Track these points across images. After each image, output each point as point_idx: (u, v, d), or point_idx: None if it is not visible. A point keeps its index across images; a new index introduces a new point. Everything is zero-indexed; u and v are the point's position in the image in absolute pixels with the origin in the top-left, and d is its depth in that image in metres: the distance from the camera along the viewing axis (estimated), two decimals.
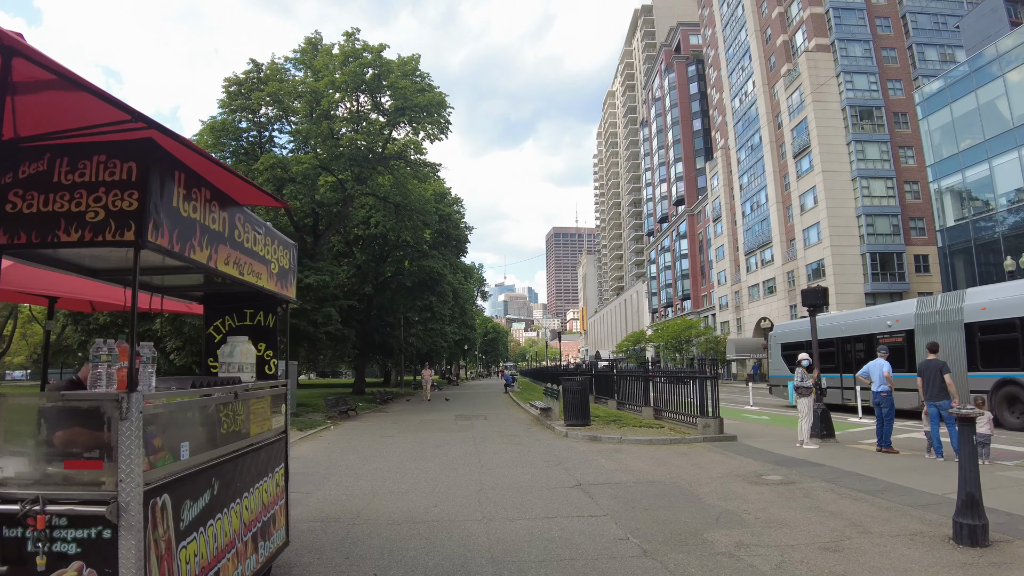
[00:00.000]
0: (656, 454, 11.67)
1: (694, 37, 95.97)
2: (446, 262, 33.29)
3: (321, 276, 21.93)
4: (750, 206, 65.87)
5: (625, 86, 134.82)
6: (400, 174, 26.52)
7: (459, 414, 21.89)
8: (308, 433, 16.00)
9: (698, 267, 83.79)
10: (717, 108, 78.04)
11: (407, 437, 15.02)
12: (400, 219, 27.46)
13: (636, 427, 15.16)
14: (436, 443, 13.66)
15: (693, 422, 14.81)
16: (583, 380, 15.99)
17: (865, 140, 51.28)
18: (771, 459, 10.95)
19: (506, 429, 16.33)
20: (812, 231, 53.18)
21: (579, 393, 15.21)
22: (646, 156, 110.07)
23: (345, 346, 30.69)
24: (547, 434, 15.19)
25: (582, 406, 15.24)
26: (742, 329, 67.24)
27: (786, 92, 57.30)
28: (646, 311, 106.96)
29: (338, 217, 24.87)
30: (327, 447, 13.41)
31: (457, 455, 11.76)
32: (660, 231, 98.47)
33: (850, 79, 52.78)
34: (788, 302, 57.08)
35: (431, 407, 25.97)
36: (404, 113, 22.58)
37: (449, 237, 34.69)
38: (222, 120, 22.56)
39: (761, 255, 63.15)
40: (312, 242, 24.68)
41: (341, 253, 33.33)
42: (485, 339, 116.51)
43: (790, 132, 56.65)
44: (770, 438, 14.02)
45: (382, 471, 10.22)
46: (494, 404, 28.16)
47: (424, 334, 37.20)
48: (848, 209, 50.59)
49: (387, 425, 18.32)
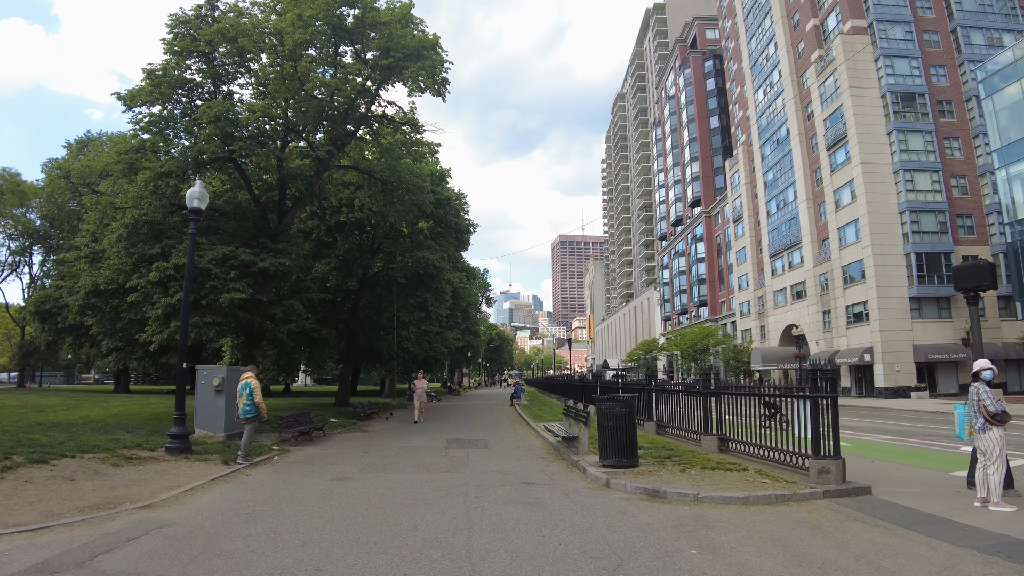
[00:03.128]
0: (772, 530, 6.93)
1: (710, 31, 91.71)
2: (444, 254, 28.54)
3: (280, 260, 17.29)
4: (776, 204, 61.12)
5: (636, 87, 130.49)
6: (388, 143, 21.95)
7: (453, 438, 17.04)
8: (231, 470, 11.25)
9: (716, 271, 78.87)
10: (737, 103, 73.43)
11: (367, 483, 10.13)
12: (389, 199, 22.86)
13: (705, 469, 10.41)
14: (406, 499, 8.76)
15: (789, 462, 10.09)
16: (629, 401, 11.01)
17: (908, 129, 46.53)
18: (977, 542, 6.25)
19: (516, 469, 11.55)
20: (849, 229, 48.36)
21: (623, 419, 10.37)
22: (659, 157, 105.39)
23: (323, 350, 26.00)
24: (576, 480, 10.35)
25: (627, 439, 10.43)
26: (766, 337, 62.31)
27: (818, 80, 52.65)
28: (658, 318, 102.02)
29: (309, 190, 20.21)
30: (234, 503, 8.58)
31: (434, 531, 6.92)
32: (674, 235, 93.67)
33: (890, 63, 48.09)
34: (820, 307, 52.22)
35: (419, 428, 20.86)
36: (388, 55, 17.90)
37: (448, 226, 29.93)
38: (163, 66, 17.94)
39: (788, 257, 58.34)
40: (277, 220, 20.06)
41: (324, 243, 28.76)
42: (490, 346, 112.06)
43: (823, 122, 51.96)
44: (913, 487, 9.30)
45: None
46: (498, 423, 23.37)
47: (419, 337, 32.43)
48: (890, 205, 45.78)
49: (351, 457, 13.51)
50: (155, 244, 17.05)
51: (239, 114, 16.77)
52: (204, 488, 9.50)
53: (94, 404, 26.23)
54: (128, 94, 17.28)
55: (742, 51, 70.04)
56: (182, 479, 9.99)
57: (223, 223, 18.89)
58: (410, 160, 23.97)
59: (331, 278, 28.92)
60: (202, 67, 19.03)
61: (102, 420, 18.54)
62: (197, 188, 13.22)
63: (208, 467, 11.23)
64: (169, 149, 18.46)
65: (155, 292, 16.35)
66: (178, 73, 18.11)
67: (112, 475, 9.93)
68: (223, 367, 14.96)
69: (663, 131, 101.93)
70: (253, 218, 19.52)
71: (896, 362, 43.68)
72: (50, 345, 53.94)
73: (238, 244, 17.28)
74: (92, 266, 24.54)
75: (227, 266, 16.18)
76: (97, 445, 12.20)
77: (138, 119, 17.63)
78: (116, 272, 18.69)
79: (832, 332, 50.57)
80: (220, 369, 14.88)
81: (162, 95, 17.86)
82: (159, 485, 9.44)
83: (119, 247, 17.68)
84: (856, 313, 47.69)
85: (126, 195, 17.44)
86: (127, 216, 17.40)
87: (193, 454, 12.30)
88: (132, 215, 17.16)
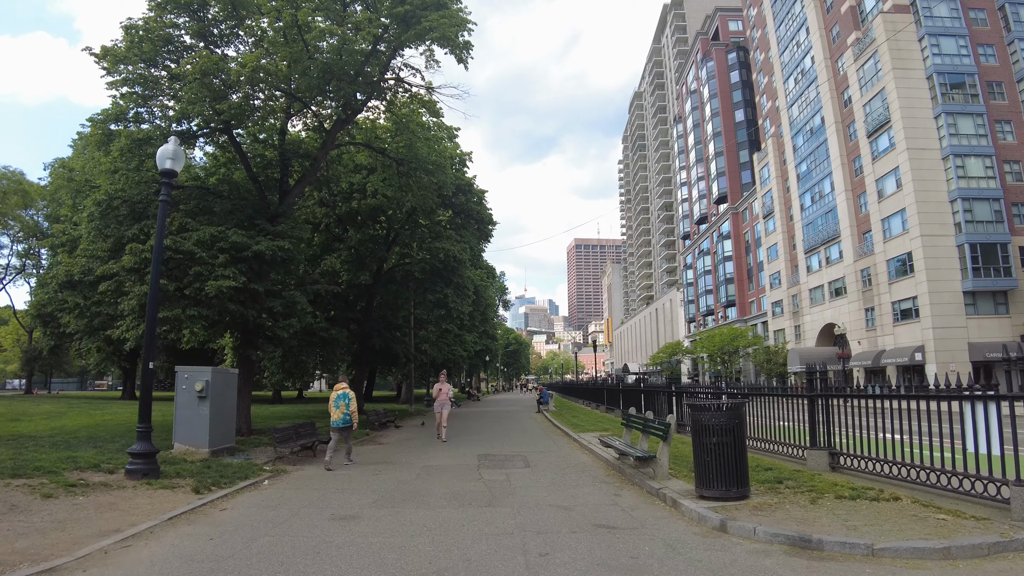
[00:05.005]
0: None
1: (733, 23, 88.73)
2: (465, 245, 25.77)
3: (279, 243, 14.63)
4: (810, 197, 57.92)
5: (654, 85, 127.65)
6: (404, 114, 19.32)
7: (484, 454, 14.23)
8: (201, 502, 8.52)
9: (744, 270, 75.53)
10: (765, 93, 70.29)
11: (380, 526, 7.26)
12: (405, 182, 20.21)
13: (842, 498, 7.57)
14: (436, 558, 5.90)
15: (962, 488, 7.27)
16: (737, 409, 7.84)
17: (957, 112, 43.26)
18: None
19: (578, 501, 8.65)
20: (895, 220, 45.11)
21: (731, 434, 7.51)
22: (680, 154, 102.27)
23: (334, 351, 23.38)
24: (670, 519, 7.38)
25: (735, 460, 7.53)
26: (801, 337, 58.99)
27: (856, 63, 49.53)
28: (681, 320, 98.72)
29: (315, 167, 17.56)
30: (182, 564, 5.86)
31: None
32: (698, 233, 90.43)
33: (936, 42, 44.87)
34: (862, 304, 48.98)
35: (442, 443, 17.80)
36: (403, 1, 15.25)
37: (469, 215, 27.17)
38: (143, 20, 15.37)
39: (826, 252, 55.09)
40: (277, 201, 17.43)
41: (334, 235, 26.18)
42: (507, 351, 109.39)
43: (862, 108, 48.81)
44: None
45: None
46: (531, 433, 20.53)
47: (438, 338, 29.66)
48: (939, 193, 42.53)
49: (360, 480, 10.75)
50: (134, 224, 14.47)
51: (231, 67, 14.06)
52: (153, 534, 6.78)
53: (82, 413, 23.83)
54: (103, 50, 14.77)
55: (770, 39, 67.03)
56: (129, 518, 7.32)
57: (215, 203, 16.33)
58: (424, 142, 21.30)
59: (343, 273, 26.34)
60: (190, 25, 16.38)
61: (75, 432, 16.06)
62: (171, 146, 10.66)
63: (172, 498, 8.54)
64: (153, 120, 15.93)
65: (129, 280, 13.77)
66: (163, 31, 15.54)
67: (35, 511, 7.30)
68: (207, 368, 12.34)
69: (684, 127, 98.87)
70: (250, 198, 16.94)
71: (950, 361, 40.35)
72: (53, 350, 51.83)
73: (231, 225, 14.68)
74: (71, 256, 22.09)
75: (215, 249, 13.58)
76: (41, 466, 9.60)
77: (115, 82, 15.11)
78: (91, 259, 16.07)
79: (876, 330, 47.28)
80: (204, 371, 12.27)
81: (143, 54, 15.28)
82: (91, 529, 6.77)
83: (91, 227, 15.09)
84: (904, 310, 44.42)
85: (100, 168, 14.90)
86: (100, 192, 14.86)
87: (161, 477, 9.67)
88: (106, 190, 14.62)
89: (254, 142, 18.12)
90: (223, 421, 12.71)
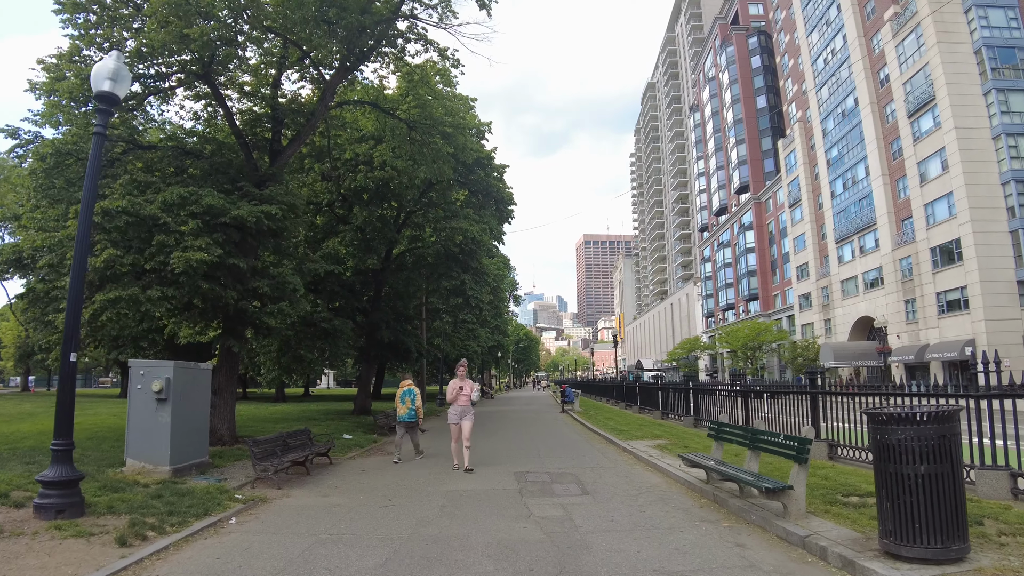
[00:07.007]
0: None
1: (753, 6, 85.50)
2: (484, 226, 22.86)
3: (264, 207, 11.77)
4: (842, 184, 54.78)
5: (668, 75, 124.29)
6: (414, 67, 16.52)
7: (521, 471, 11.16)
8: (126, 562, 5.45)
9: (768, 262, 72.28)
10: (791, 76, 67.07)
11: None
12: (418, 149, 17.38)
13: None
14: None
15: None
16: (952, 418, 4.81)
17: (1009, 88, 40.11)
18: None
19: (688, 560, 5.58)
20: (940, 204, 41.98)
21: (941, 460, 4.55)
22: (697, 144, 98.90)
23: (338, 344, 20.59)
24: None
25: (950, 500, 4.70)
26: (832, 332, 55.87)
27: (895, 39, 46.34)
28: (698, 315, 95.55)
29: (311, 123, 14.72)
30: None
31: None
32: (717, 225, 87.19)
33: (983, 14, 41.72)
34: (901, 296, 45.88)
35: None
36: None
37: (488, 193, 24.29)
38: None
39: (860, 241, 51.96)
40: (268, 163, 14.58)
41: (338, 216, 23.40)
42: (518, 347, 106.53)
43: (901, 87, 45.64)
44: None
45: None
46: (566, 439, 17.60)
47: (452, 331, 26.74)
48: (990, 175, 39.43)
49: (364, 516, 7.75)
50: None
51: None
52: None
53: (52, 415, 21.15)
54: None
55: (795, 19, 63.86)
56: None
57: (194, 164, 13.54)
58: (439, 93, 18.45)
59: (348, 258, 23.57)
60: None
61: (21, 440, 13.47)
62: (111, 62, 7.88)
63: (81, 554, 5.65)
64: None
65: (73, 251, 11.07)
66: None
67: None
68: (169, 363, 9.52)
69: (702, 116, 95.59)
70: (235, 160, 14.12)
71: (1005, 356, 37.20)
72: (44, 346, 49.28)
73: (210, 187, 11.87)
74: (23, 230, 19.28)
75: (185, 213, 10.77)
76: None
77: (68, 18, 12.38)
78: (39, 231, 13.19)
79: (918, 323, 44.16)
80: (164, 365, 9.47)
81: None
82: None
83: (35, 188, 12.17)
84: (950, 301, 41.31)
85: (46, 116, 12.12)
86: (44, 144, 12.00)
87: (87, 514, 6.89)
88: (53, 142, 11.75)
89: (241, 94, 15.30)
90: (190, 430, 9.90)
